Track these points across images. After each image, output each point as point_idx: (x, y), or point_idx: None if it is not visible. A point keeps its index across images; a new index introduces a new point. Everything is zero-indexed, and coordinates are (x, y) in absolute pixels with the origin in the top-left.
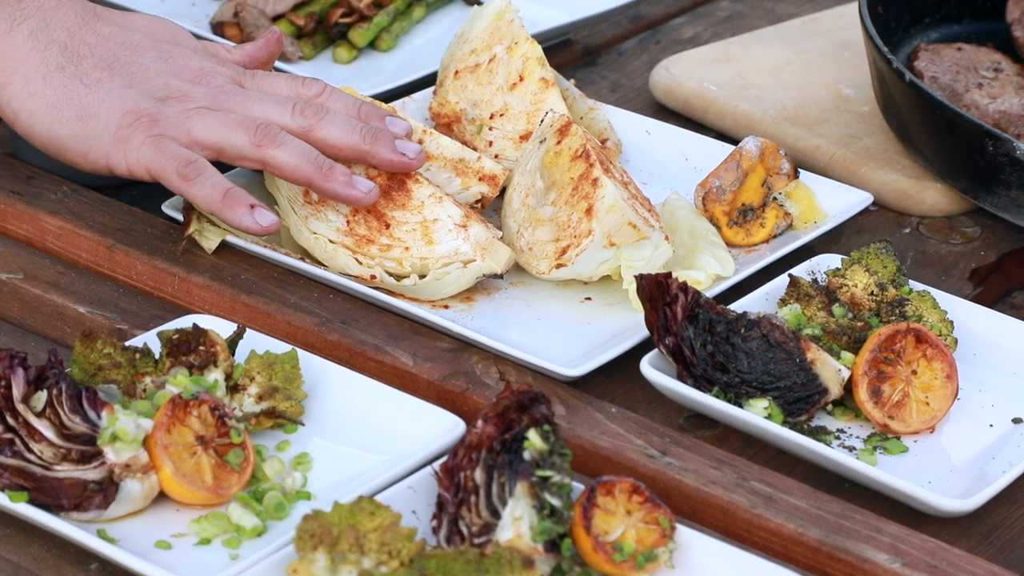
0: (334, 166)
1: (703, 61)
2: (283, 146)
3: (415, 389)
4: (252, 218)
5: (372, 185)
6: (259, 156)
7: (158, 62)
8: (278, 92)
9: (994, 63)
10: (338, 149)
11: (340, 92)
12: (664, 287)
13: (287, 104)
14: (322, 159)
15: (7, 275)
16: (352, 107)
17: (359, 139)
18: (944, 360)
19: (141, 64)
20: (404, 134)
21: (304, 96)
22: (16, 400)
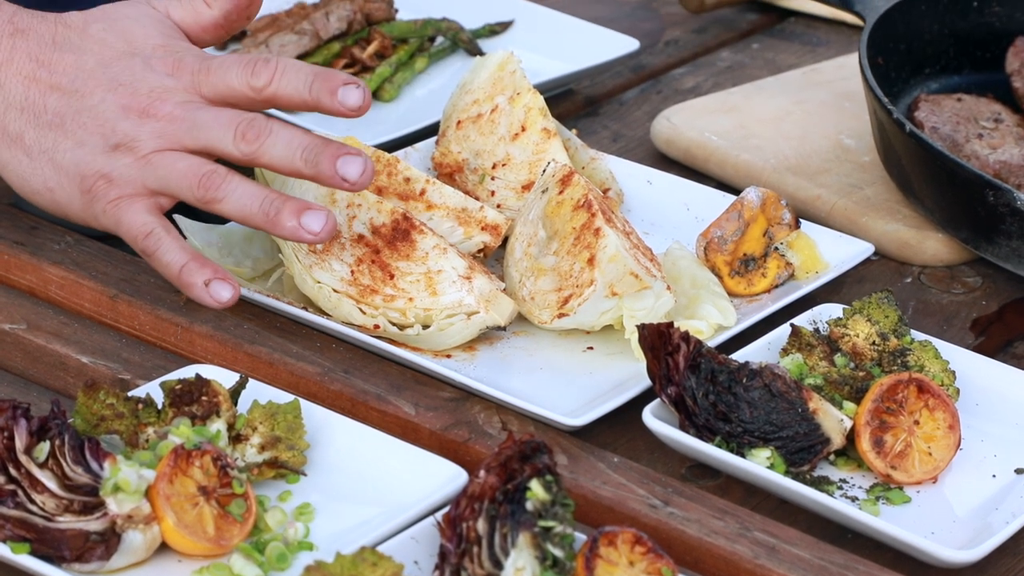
0: (281, 208)
1: (704, 111)
2: (227, 197)
3: (417, 439)
4: (208, 294)
5: (324, 221)
6: (207, 208)
7: (108, 97)
8: (231, 88)
9: (994, 114)
10: (283, 172)
11: (291, 75)
12: (666, 337)
13: (230, 129)
14: (268, 201)
15: (10, 325)
16: (303, 88)
17: (301, 165)
18: (946, 410)
19: (92, 109)
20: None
21: (254, 90)
22: (19, 451)
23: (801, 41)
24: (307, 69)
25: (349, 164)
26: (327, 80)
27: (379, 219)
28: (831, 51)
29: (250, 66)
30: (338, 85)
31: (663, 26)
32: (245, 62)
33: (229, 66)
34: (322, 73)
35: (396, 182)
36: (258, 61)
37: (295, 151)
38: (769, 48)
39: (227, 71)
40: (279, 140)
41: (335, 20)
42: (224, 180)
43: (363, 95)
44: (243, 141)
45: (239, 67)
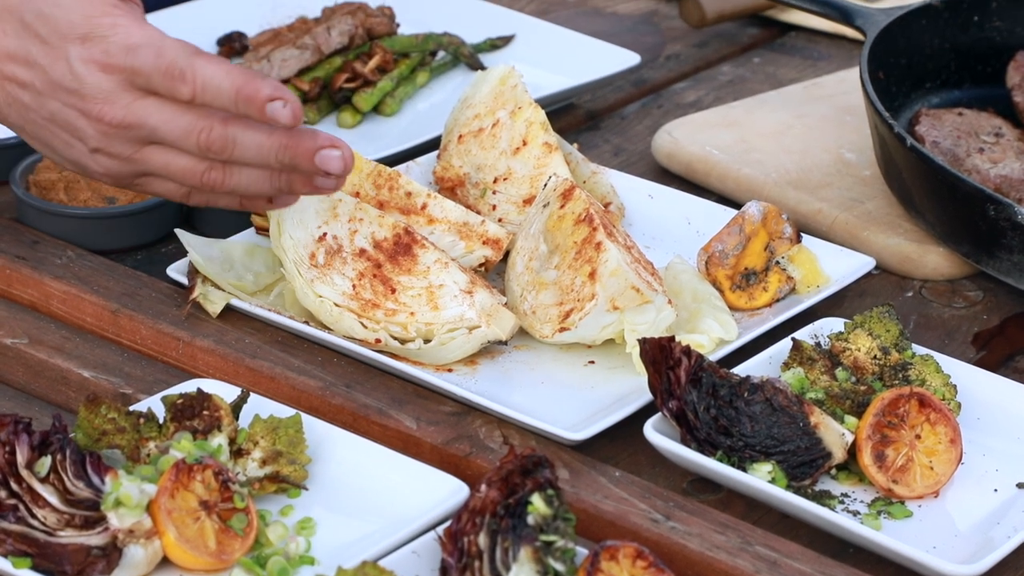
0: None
1: (705, 125)
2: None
3: (419, 453)
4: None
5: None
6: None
7: (63, 107)
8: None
9: (995, 128)
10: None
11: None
12: (667, 351)
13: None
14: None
15: (12, 340)
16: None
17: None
18: (948, 424)
19: (55, 117)
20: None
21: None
22: (20, 466)
23: (802, 55)
24: (227, 85)
25: (328, 160)
26: (251, 102)
27: (381, 233)
28: (832, 65)
29: (168, 77)
30: (263, 103)
31: (664, 40)
32: (163, 70)
33: (150, 73)
34: (245, 90)
35: (398, 196)
36: (174, 73)
37: (268, 157)
38: (770, 62)
39: (149, 78)
40: (247, 152)
41: (337, 34)
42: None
43: (291, 112)
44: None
45: (158, 74)
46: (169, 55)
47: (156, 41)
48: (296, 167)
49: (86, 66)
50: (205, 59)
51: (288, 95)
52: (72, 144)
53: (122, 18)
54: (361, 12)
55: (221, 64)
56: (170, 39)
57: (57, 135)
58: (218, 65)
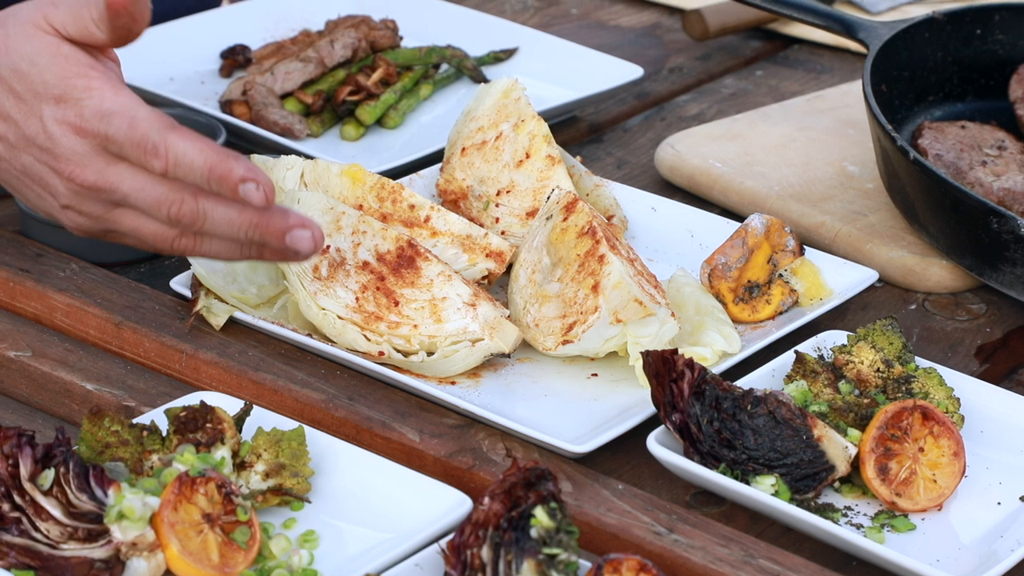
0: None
1: (708, 138)
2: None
3: (422, 466)
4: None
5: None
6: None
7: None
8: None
9: (997, 141)
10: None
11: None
12: (670, 363)
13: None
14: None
15: (15, 353)
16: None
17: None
18: (951, 437)
19: (28, 171)
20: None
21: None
22: (23, 479)
23: (805, 68)
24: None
25: (299, 241)
26: (224, 181)
27: (384, 246)
28: (835, 78)
29: (141, 150)
30: (236, 184)
31: (667, 53)
32: (136, 142)
33: (122, 143)
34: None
35: (401, 209)
36: (147, 147)
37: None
38: (773, 75)
39: (122, 147)
40: (217, 228)
41: (340, 47)
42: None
43: (263, 196)
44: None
45: (131, 145)
46: (142, 127)
47: (130, 110)
48: (266, 244)
49: (60, 127)
50: (178, 134)
51: (261, 176)
52: (44, 197)
53: (97, 80)
54: (364, 25)
55: (194, 140)
56: (144, 108)
57: (29, 187)
58: (191, 141)
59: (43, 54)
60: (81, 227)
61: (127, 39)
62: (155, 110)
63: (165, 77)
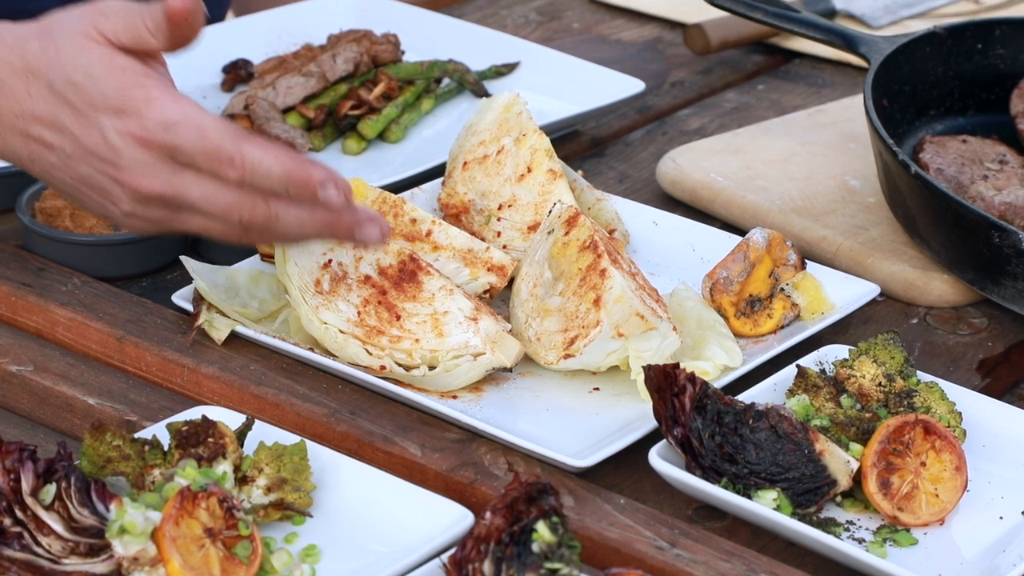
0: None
1: (710, 152)
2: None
3: (423, 480)
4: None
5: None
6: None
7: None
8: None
9: (999, 155)
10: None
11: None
12: (672, 378)
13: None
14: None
15: (17, 367)
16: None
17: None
18: (953, 452)
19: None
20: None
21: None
22: (25, 493)
23: (806, 82)
24: (277, 170)
25: (369, 233)
26: (304, 186)
27: (386, 260)
28: (836, 92)
29: (214, 160)
30: (316, 188)
31: (668, 67)
32: (209, 152)
33: (193, 152)
34: (296, 175)
35: (403, 223)
36: (222, 157)
37: (307, 233)
38: (774, 89)
39: (192, 157)
40: (288, 229)
41: (342, 62)
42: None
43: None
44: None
45: (203, 156)
46: (214, 138)
47: (195, 119)
48: (335, 239)
49: (122, 138)
50: (252, 143)
51: (339, 178)
52: (105, 205)
53: (155, 89)
54: (366, 40)
55: (268, 148)
56: (210, 117)
57: (88, 195)
58: (266, 150)
59: (98, 65)
60: (144, 231)
61: (183, 46)
62: (221, 118)
63: None
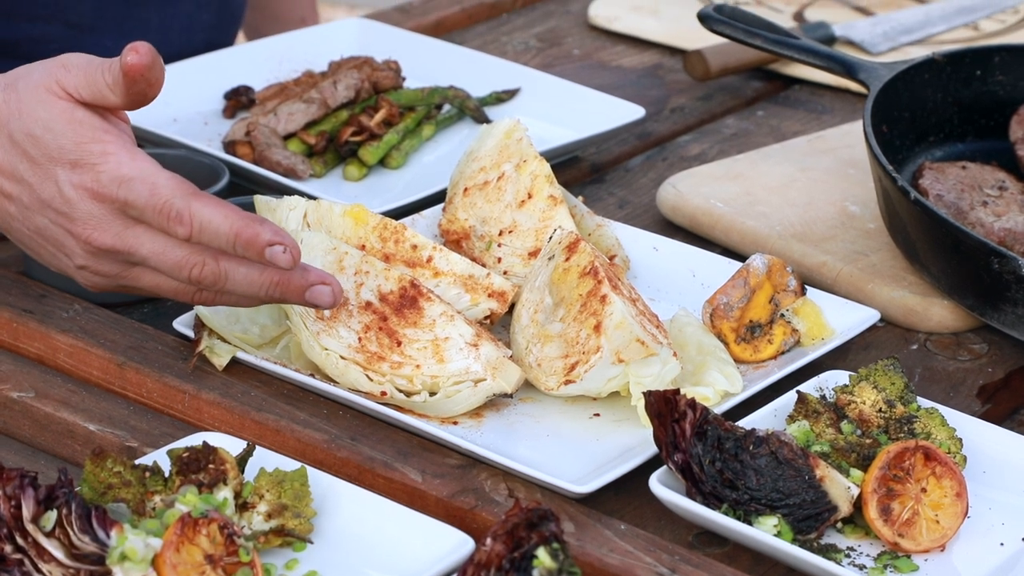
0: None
1: (710, 178)
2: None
3: (424, 506)
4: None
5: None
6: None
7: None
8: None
9: (998, 181)
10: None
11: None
12: (672, 404)
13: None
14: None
15: (18, 393)
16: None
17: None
18: (953, 478)
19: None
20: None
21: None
22: (26, 520)
23: (806, 109)
24: (226, 229)
25: (319, 296)
26: (251, 246)
27: (387, 286)
28: (836, 119)
29: (163, 216)
30: (263, 247)
31: (668, 93)
32: (158, 209)
33: (143, 208)
34: (245, 234)
35: (403, 249)
36: (171, 214)
37: (257, 293)
38: (774, 115)
39: (143, 212)
40: (238, 288)
41: (343, 88)
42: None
43: (291, 257)
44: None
45: (153, 212)
46: (164, 194)
47: (149, 176)
48: (285, 301)
49: (76, 192)
50: (201, 200)
51: (287, 239)
52: (58, 256)
53: (112, 145)
54: (367, 66)
55: (218, 207)
56: (164, 174)
57: (43, 246)
58: (215, 208)
59: (58, 120)
60: (96, 284)
61: (141, 103)
62: (174, 175)
63: (168, 118)
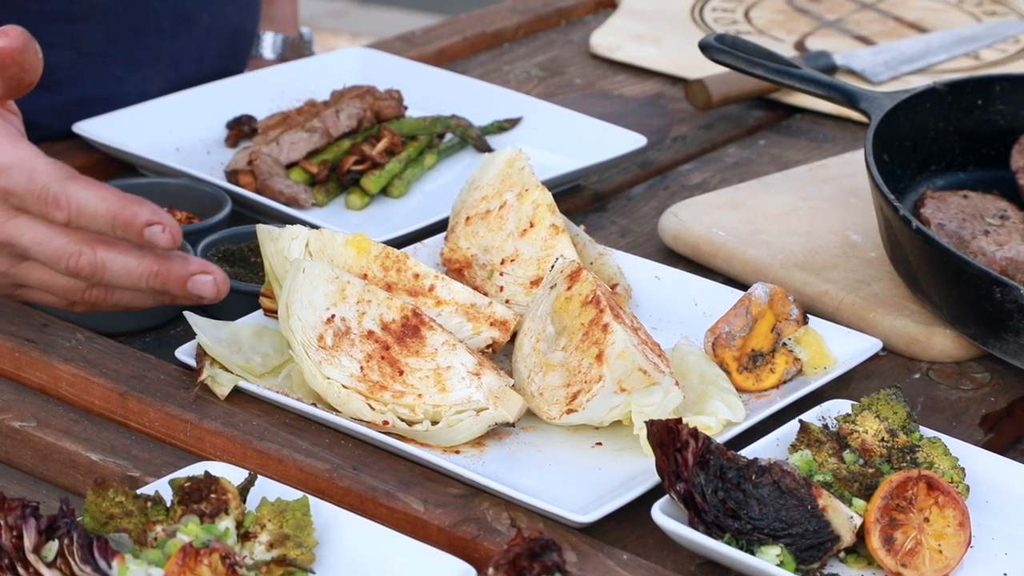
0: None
1: (711, 207)
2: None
3: (426, 536)
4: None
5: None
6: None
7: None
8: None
9: (1000, 210)
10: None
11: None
12: (675, 433)
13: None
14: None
15: (20, 423)
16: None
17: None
18: (956, 508)
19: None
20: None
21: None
22: (27, 550)
23: (807, 137)
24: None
25: (201, 286)
26: (128, 227)
27: (389, 315)
28: (837, 147)
29: (42, 201)
30: (141, 228)
31: (670, 122)
32: (36, 194)
33: (23, 195)
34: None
35: (405, 278)
36: (48, 198)
37: (139, 283)
38: (776, 144)
39: (23, 200)
40: (116, 277)
41: (345, 117)
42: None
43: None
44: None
45: (32, 198)
46: (41, 179)
47: (28, 162)
48: (167, 292)
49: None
50: (79, 183)
51: (166, 219)
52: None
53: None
54: (369, 95)
55: (96, 188)
56: (43, 160)
57: None
58: (92, 189)
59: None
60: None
61: (20, 90)
62: (54, 161)
63: (171, 147)
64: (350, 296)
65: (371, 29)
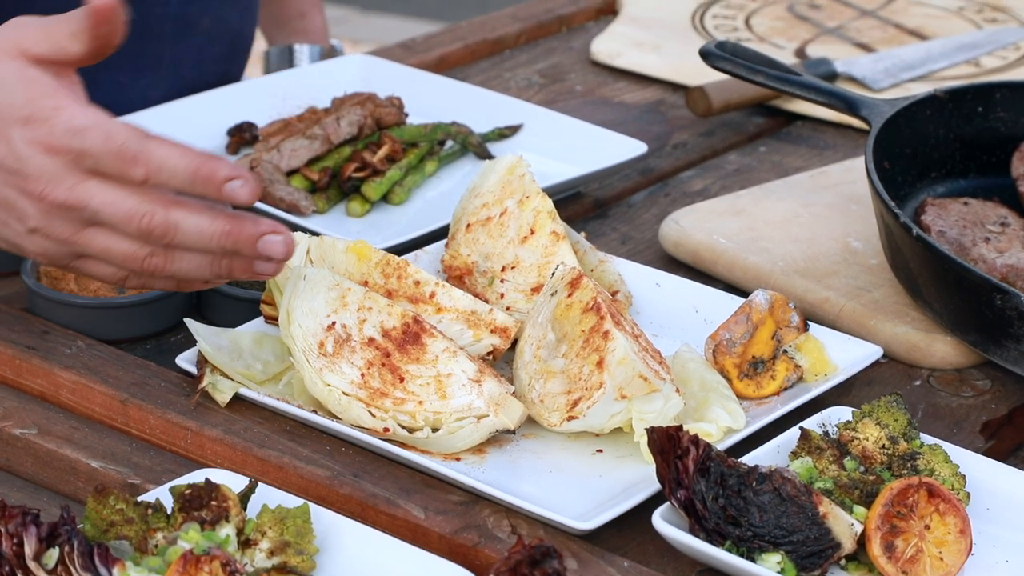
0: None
1: (712, 213)
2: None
3: (427, 543)
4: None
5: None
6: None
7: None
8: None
9: (1000, 217)
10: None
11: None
12: (675, 440)
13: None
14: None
15: (21, 430)
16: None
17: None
18: (957, 515)
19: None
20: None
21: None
22: (28, 558)
23: (808, 144)
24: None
25: (271, 246)
26: (209, 181)
27: (390, 322)
28: (838, 154)
29: (120, 159)
30: (221, 183)
31: (671, 129)
32: (115, 152)
33: (99, 155)
34: (203, 170)
35: (406, 285)
36: (127, 155)
37: (210, 243)
38: (776, 151)
39: (99, 160)
40: (188, 238)
41: (346, 125)
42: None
43: (250, 190)
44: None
45: (110, 156)
46: (119, 138)
47: (103, 123)
48: (238, 252)
49: (30, 147)
50: (157, 140)
51: (246, 174)
52: (8, 223)
53: (65, 99)
54: (370, 102)
55: (175, 145)
56: (117, 121)
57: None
58: (171, 146)
59: (9, 78)
60: (47, 251)
61: (103, 51)
62: (128, 122)
63: None
64: (351, 303)
65: (372, 36)
